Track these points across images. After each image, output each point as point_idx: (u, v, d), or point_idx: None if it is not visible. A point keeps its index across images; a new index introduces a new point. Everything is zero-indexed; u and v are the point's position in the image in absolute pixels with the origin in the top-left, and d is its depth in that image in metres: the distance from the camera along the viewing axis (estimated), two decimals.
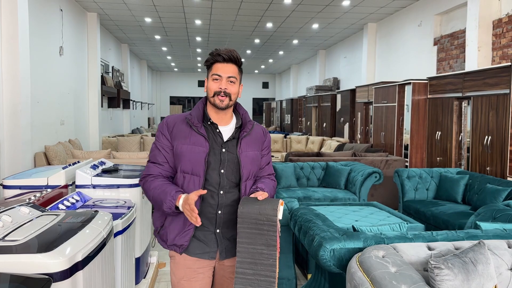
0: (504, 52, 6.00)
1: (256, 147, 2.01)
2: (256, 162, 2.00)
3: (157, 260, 4.06)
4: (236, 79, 1.94)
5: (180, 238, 1.92)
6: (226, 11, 9.44)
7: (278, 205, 1.77)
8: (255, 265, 1.75)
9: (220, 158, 1.92)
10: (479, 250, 2.01)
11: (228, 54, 1.92)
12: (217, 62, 1.93)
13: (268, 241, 1.75)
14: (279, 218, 1.76)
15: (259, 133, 2.06)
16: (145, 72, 18.54)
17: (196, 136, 1.92)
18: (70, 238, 1.89)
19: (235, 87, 1.94)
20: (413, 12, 8.65)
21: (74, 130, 8.73)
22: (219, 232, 1.95)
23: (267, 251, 1.75)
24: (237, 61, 1.95)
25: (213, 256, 1.96)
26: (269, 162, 2.11)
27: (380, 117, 8.07)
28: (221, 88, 1.91)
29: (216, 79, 1.92)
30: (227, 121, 2.00)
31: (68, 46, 8.34)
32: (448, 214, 4.36)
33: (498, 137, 5.03)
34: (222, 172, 1.92)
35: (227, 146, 1.94)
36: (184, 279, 1.96)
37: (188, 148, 1.90)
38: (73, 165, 3.46)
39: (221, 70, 1.92)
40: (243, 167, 1.93)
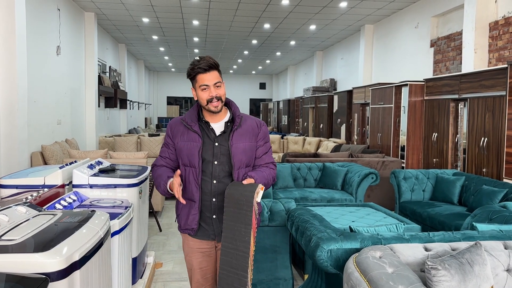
0: (500, 54, 6.03)
1: (248, 138, 2.22)
2: (249, 152, 2.21)
3: (153, 260, 4.05)
4: (221, 82, 2.17)
5: (189, 223, 2.22)
6: (223, 11, 9.44)
7: (257, 189, 2.01)
8: (234, 240, 2.00)
9: (213, 151, 2.18)
10: (475, 251, 2.02)
11: (207, 64, 2.12)
12: (199, 74, 2.14)
13: (245, 220, 1.98)
14: (256, 201, 1.99)
15: (252, 126, 2.25)
16: (142, 72, 18.51)
17: (191, 134, 2.19)
18: (67, 237, 1.88)
19: (222, 89, 2.18)
20: (410, 14, 8.68)
21: (71, 130, 8.70)
22: (215, 217, 2.22)
23: (244, 229, 1.98)
24: (216, 66, 2.16)
25: (213, 238, 2.26)
26: (266, 151, 2.30)
27: (376, 118, 8.09)
28: (212, 95, 2.13)
29: (205, 89, 2.14)
30: (220, 118, 2.24)
31: (66, 46, 8.32)
32: (444, 215, 4.38)
33: (494, 138, 5.06)
34: (215, 163, 2.18)
35: (219, 140, 2.19)
36: (189, 256, 2.31)
37: (185, 144, 2.20)
38: (70, 165, 3.45)
39: (206, 80, 2.13)
40: (234, 157, 2.16)
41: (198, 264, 2.29)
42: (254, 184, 2.07)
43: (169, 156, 2.31)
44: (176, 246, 4.85)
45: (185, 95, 24.32)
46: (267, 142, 2.31)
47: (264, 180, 2.20)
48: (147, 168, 3.79)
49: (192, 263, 2.30)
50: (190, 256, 2.31)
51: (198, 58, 2.16)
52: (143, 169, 3.71)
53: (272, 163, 2.32)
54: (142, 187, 3.49)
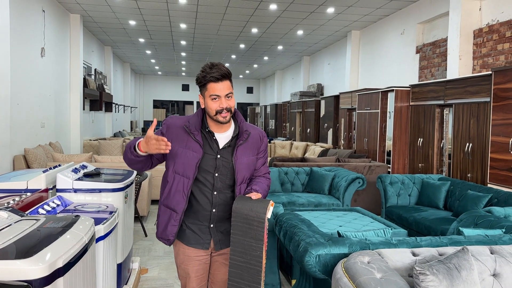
0: (484, 61, 6.13)
1: (252, 152, 2.15)
2: (251, 167, 2.15)
3: (139, 266, 3.99)
4: (232, 94, 2.05)
5: (167, 233, 2.12)
6: (211, 15, 9.43)
7: (268, 205, 1.98)
8: (245, 254, 1.97)
9: (215, 163, 2.08)
10: (463, 256, 2.03)
11: (220, 73, 1.98)
12: (211, 82, 2.00)
13: (256, 236, 1.96)
14: (267, 217, 1.96)
15: (256, 138, 2.17)
16: (128, 75, 18.36)
17: (192, 142, 2.06)
18: (50, 243, 1.83)
19: (233, 100, 2.06)
20: (396, 21, 8.79)
21: (55, 133, 8.57)
22: (213, 226, 2.15)
23: (255, 244, 1.96)
24: (229, 76, 2.03)
25: (207, 246, 2.16)
26: (264, 163, 2.26)
27: (363, 123, 8.15)
28: (223, 107, 2.01)
29: (215, 99, 2.01)
30: (225, 129, 2.12)
31: (50, 48, 8.20)
32: (430, 220, 4.41)
33: (479, 144, 5.12)
34: (216, 175, 2.08)
35: (222, 153, 2.09)
36: (184, 264, 2.20)
37: (183, 151, 2.05)
38: (54, 169, 3.38)
39: (218, 90, 2.00)
40: (238, 173, 2.08)
41: (194, 272, 2.20)
42: (264, 200, 2.01)
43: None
44: (162, 252, 4.79)
45: (171, 99, 24.19)
46: (266, 153, 2.26)
47: (266, 193, 2.18)
48: (132, 172, 3.74)
49: (188, 272, 2.21)
50: (186, 265, 2.20)
51: (210, 64, 2.02)
52: (128, 173, 3.65)
53: (268, 173, 2.28)
54: (128, 192, 3.43)
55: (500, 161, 4.68)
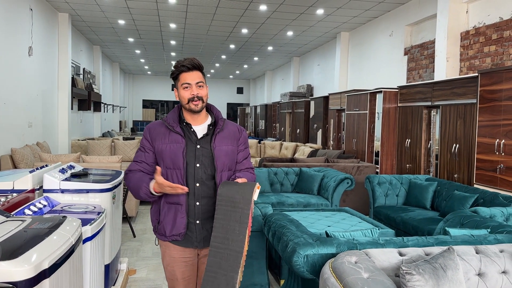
0: (471, 63, 6.21)
1: (231, 142, 2.22)
2: (231, 155, 2.20)
3: (127, 267, 3.97)
4: (203, 83, 2.18)
5: (177, 228, 2.15)
6: (201, 15, 9.41)
7: (255, 187, 2.00)
8: (226, 240, 1.94)
9: (195, 153, 2.15)
10: (448, 256, 2.06)
11: (191, 63, 2.14)
12: (182, 72, 2.15)
13: (241, 218, 1.94)
14: (254, 199, 1.98)
15: (233, 130, 2.26)
16: (118, 75, 18.23)
17: (174, 135, 2.15)
18: (36, 244, 1.82)
19: (204, 90, 2.18)
20: (385, 23, 8.86)
21: (43, 133, 8.47)
22: (199, 223, 2.16)
23: (239, 227, 1.94)
24: (200, 67, 2.18)
25: (196, 245, 2.19)
26: (246, 156, 2.30)
27: (352, 124, 8.20)
28: (194, 94, 2.13)
29: (187, 87, 2.14)
30: (201, 121, 2.23)
31: (38, 47, 8.11)
32: (417, 220, 4.46)
33: (466, 145, 5.19)
34: (197, 166, 2.14)
35: (201, 142, 2.17)
36: (170, 266, 2.23)
37: (167, 146, 2.14)
38: (41, 169, 3.35)
39: (189, 78, 2.14)
40: (217, 160, 2.14)
41: (181, 274, 2.21)
42: (250, 183, 2.06)
43: (145, 160, 2.22)
44: (150, 253, 4.77)
45: (161, 99, 24.07)
46: (247, 148, 2.32)
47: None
48: (121, 173, 3.71)
49: (175, 274, 2.22)
50: (172, 267, 2.21)
51: (183, 58, 2.17)
52: (116, 174, 3.63)
53: (251, 169, 2.32)
54: (116, 192, 3.41)
55: (486, 162, 4.75)
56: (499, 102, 4.58)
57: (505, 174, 4.48)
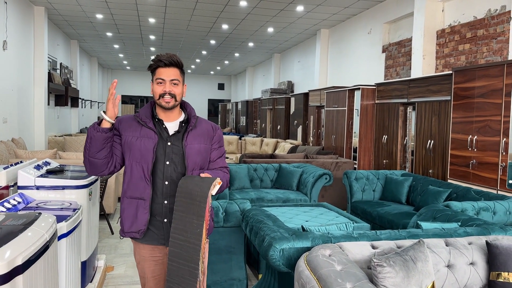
0: (446, 61, 6.35)
1: (203, 140, 2.17)
2: (203, 154, 2.15)
3: (104, 264, 3.94)
4: (179, 81, 2.12)
5: (136, 225, 2.09)
6: (181, 10, 9.34)
7: (214, 182, 1.97)
8: (185, 232, 1.93)
9: (165, 150, 2.10)
10: (418, 249, 2.12)
11: (169, 59, 2.09)
12: (159, 67, 2.10)
13: (198, 212, 1.92)
14: (211, 193, 1.95)
15: (207, 128, 2.21)
16: (96, 70, 17.95)
17: (145, 130, 2.10)
18: (9, 241, 1.80)
19: (178, 88, 2.12)
20: (363, 20, 8.96)
21: (18, 129, 8.30)
22: (166, 221, 2.12)
23: (196, 220, 1.92)
24: (178, 65, 2.13)
25: (162, 242, 2.15)
26: (221, 155, 2.25)
27: (331, 121, 8.29)
28: (166, 91, 2.09)
29: (160, 83, 2.10)
30: (174, 118, 2.17)
31: (13, 41, 7.93)
32: (392, 214, 4.55)
33: (440, 141, 5.32)
34: (167, 163, 2.10)
35: (172, 139, 2.12)
36: (140, 264, 2.21)
37: (138, 139, 2.09)
38: (15, 165, 3.30)
39: (164, 74, 2.09)
40: (188, 158, 2.10)
41: (151, 273, 2.19)
42: (211, 177, 2.02)
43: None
44: (129, 249, 4.75)
45: (140, 94, 23.79)
46: (222, 147, 2.27)
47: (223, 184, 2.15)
48: None
49: (145, 272, 2.20)
50: (142, 265, 2.20)
51: (165, 53, 2.13)
52: None
53: (226, 168, 2.27)
54: (92, 189, 3.39)
55: (460, 157, 4.88)
56: (472, 99, 4.71)
57: (477, 169, 4.62)
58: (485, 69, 4.54)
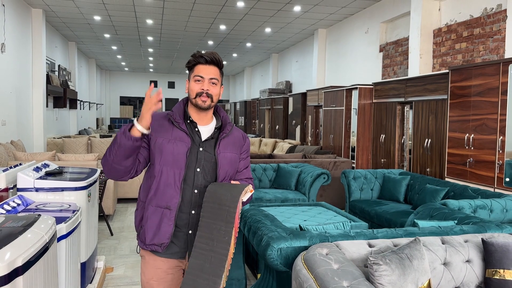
0: (443, 60, 6.38)
1: (235, 149, 2.04)
2: (234, 164, 2.02)
3: (104, 265, 3.96)
4: (217, 81, 1.98)
5: (159, 237, 1.90)
6: (178, 11, 9.36)
7: (246, 188, 1.85)
8: (211, 240, 1.79)
9: (197, 156, 1.95)
10: (415, 247, 2.15)
11: (210, 56, 1.97)
12: (199, 64, 1.98)
13: (227, 218, 1.79)
14: (242, 200, 1.83)
15: (239, 137, 2.09)
16: (94, 71, 17.96)
17: (178, 132, 1.94)
18: (9, 243, 1.82)
19: (216, 88, 1.98)
20: (361, 20, 8.99)
21: (17, 131, 8.31)
22: (191, 233, 1.96)
23: (225, 227, 1.79)
24: (219, 64, 2.00)
25: (183, 256, 1.98)
26: (247, 166, 2.13)
27: (329, 120, 8.31)
28: (203, 89, 1.94)
29: (198, 80, 1.96)
30: (207, 121, 2.03)
31: (11, 43, 7.94)
32: (390, 213, 4.58)
33: (437, 140, 5.34)
34: (198, 170, 1.94)
35: (204, 145, 1.97)
36: (154, 279, 1.96)
37: (170, 142, 1.92)
38: (15, 167, 3.32)
39: (203, 72, 1.96)
40: (220, 168, 1.96)
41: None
42: (243, 184, 1.92)
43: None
44: (128, 250, 4.77)
45: (139, 95, 23.81)
46: (248, 157, 2.15)
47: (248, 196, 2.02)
48: (96, 170, 3.70)
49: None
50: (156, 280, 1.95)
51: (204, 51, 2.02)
52: (92, 172, 3.62)
53: (251, 179, 2.14)
54: (91, 190, 3.40)
55: (457, 156, 4.90)
56: (469, 98, 4.73)
57: (474, 167, 4.64)
58: (481, 67, 4.57)
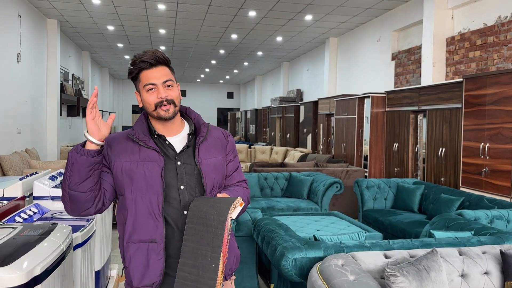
0: (456, 68, 6.33)
1: (218, 152, 1.74)
2: (220, 169, 1.73)
3: (117, 273, 3.97)
4: (172, 81, 1.67)
5: (149, 276, 1.61)
6: (190, 21, 9.45)
7: (235, 202, 1.55)
8: (197, 269, 1.51)
9: (176, 173, 1.65)
10: (432, 258, 2.12)
11: (153, 57, 1.63)
12: (143, 70, 1.64)
13: (214, 241, 1.51)
14: (231, 217, 1.53)
15: (219, 136, 1.79)
16: (107, 80, 18.18)
17: (146, 151, 1.63)
18: (27, 251, 1.84)
19: (174, 90, 1.66)
20: (372, 28, 8.98)
21: (31, 139, 8.43)
22: None
23: (211, 253, 1.51)
24: (166, 61, 1.68)
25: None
26: (237, 167, 1.83)
27: (341, 129, 8.28)
28: (162, 98, 1.62)
29: (151, 89, 1.63)
30: (177, 130, 1.73)
31: (27, 53, 8.09)
32: (405, 223, 4.53)
33: (452, 149, 5.29)
34: (182, 188, 1.64)
35: (181, 157, 1.67)
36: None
37: (139, 165, 1.62)
38: (31, 176, 3.36)
39: (153, 77, 1.63)
40: (206, 177, 1.66)
41: None
42: (231, 197, 1.59)
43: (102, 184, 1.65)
44: None
45: None
46: (236, 156, 1.84)
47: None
48: None
49: None
50: None
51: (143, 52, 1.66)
52: None
53: (244, 182, 1.85)
54: None
55: (472, 165, 4.84)
56: (483, 106, 4.68)
57: (490, 177, 4.58)
58: (496, 76, 4.52)
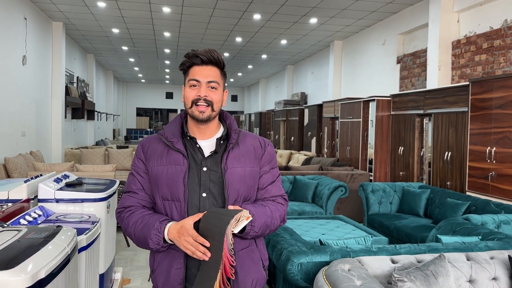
0: (462, 72, 6.30)
1: (249, 161, 1.63)
2: (249, 181, 1.62)
3: (121, 276, 3.96)
4: (218, 84, 1.63)
5: (170, 283, 1.58)
6: (195, 24, 9.47)
7: (238, 215, 1.44)
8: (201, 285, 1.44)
9: (199, 179, 1.58)
10: (439, 263, 2.09)
11: (207, 55, 1.62)
12: (194, 65, 1.63)
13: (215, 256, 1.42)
14: (232, 231, 1.43)
15: (254, 145, 1.68)
16: (111, 83, 18.24)
17: (173, 154, 1.59)
18: (32, 254, 1.83)
19: (217, 93, 1.63)
20: (377, 31, 8.96)
21: (36, 142, 8.45)
22: None
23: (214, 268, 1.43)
24: (219, 63, 1.66)
25: None
26: (273, 181, 1.70)
27: (345, 132, 8.26)
28: (200, 96, 1.59)
29: (194, 85, 1.60)
30: (211, 134, 1.66)
31: (32, 56, 8.12)
32: (410, 227, 4.49)
33: (458, 152, 5.25)
34: (203, 196, 1.57)
35: (207, 163, 1.59)
36: None
37: (164, 169, 1.58)
38: (36, 178, 3.35)
39: (200, 74, 1.61)
40: (229, 187, 1.56)
41: None
42: (238, 210, 1.48)
43: (143, 187, 1.64)
44: (145, 262, 4.76)
45: (155, 107, 24.08)
46: (274, 168, 1.71)
47: (265, 218, 1.57)
48: (115, 182, 3.72)
49: None
50: None
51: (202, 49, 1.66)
52: (111, 183, 3.64)
53: (281, 197, 1.70)
54: (110, 202, 3.42)
55: (478, 169, 4.81)
56: (490, 110, 4.65)
57: (497, 181, 4.54)
58: (502, 79, 4.49)
